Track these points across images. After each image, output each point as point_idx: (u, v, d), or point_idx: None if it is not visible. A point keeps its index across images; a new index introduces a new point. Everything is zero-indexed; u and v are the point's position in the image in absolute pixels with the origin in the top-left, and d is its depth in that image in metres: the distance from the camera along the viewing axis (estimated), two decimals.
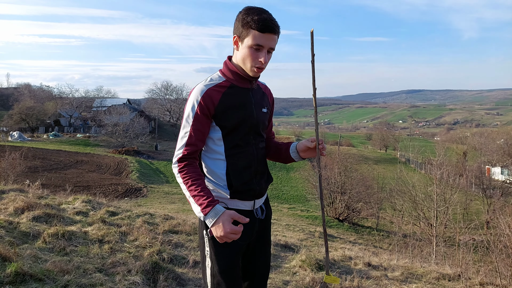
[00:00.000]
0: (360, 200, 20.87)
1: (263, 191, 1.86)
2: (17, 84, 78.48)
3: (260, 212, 1.88)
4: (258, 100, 1.83)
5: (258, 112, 1.81)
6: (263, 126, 1.86)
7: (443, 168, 15.53)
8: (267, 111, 1.90)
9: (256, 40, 1.64)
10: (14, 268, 2.88)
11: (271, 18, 1.65)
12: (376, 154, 53.18)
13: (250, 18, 1.63)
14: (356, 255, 5.48)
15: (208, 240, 1.76)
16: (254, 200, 1.83)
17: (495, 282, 4.35)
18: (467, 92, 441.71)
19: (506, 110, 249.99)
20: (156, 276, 3.36)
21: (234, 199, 1.77)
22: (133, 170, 27.02)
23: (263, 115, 1.85)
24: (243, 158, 1.76)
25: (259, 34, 1.63)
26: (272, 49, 1.69)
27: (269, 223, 1.97)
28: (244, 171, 1.76)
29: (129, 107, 55.98)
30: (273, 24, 1.64)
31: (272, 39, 1.66)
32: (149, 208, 10.88)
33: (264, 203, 1.93)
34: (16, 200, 5.18)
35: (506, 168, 33.51)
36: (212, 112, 1.70)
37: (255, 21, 1.62)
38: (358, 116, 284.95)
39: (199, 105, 1.68)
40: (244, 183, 1.76)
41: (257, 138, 1.82)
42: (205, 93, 1.69)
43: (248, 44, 1.66)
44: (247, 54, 1.67)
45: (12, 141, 36.20)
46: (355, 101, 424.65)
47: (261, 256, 1.91)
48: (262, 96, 1.88)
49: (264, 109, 1.86)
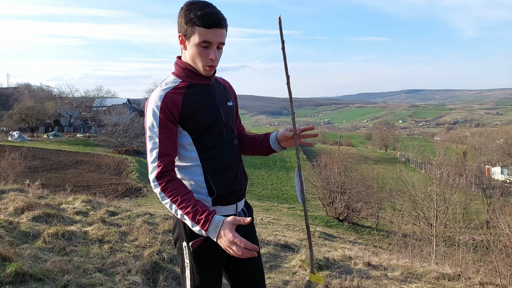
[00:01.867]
0: (360, 200, 20.87)
1: (244, 191, 1.78)
2: (17, 84, 78.58)
3: (243, 216, 1.78)
4: (221, 95, 1.72)
5: (224, 107, 1.70)
6: (232, 121, 1.76)
7: (443, 168, 15.54)
8: (233, 104, 1.79)
9: (202, 37, 1.52)
10: (14, 268, 2.88)
11: (215, 12, 1.52)
12: (376, 154, 53.19)
13: (193, 14, 1.51)
14: (356, 255, 5.48)
15: (189, 253, 1.64)
16: (236, 203, 1.72)
17: (495, 282, 4.36)
18: (467, 92, 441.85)
19: (506, 110, 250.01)
20: (156, 276, 3.37)
21: (216, 206, 1.65)
22: (133, 170, 27.00)
23: (230, 109, 1.75)
24: (221, 160, 1.65)
25: (205, 30, 1.51)
26: (221, 44, 1.57)
27: (252, 225, 1.86)
28: (224, 173, 1.65)
29: (129, 107, 55.94)
30: (218, 18, 1.52)
31: (220, 33, 1.54)
32: (149, 208, 10.86)
33: (245, 205, 1.83)
34: (16, 200, 5.18)
35: (506, 168, 33.51)
36: (176, 117, 1.57)
37: (198, 17, 1.50)
38: (358, 116, 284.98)
39: (161, 110, 1.53)
40: (227, 185, 1.66)
41: (231, 135, 1.72)
42: (164, 97, 1.55)
43: (195, 42, 1.54)
44: (195, 53, 1.56)
45: (12, 141, 36.18)
46: (355, 101, 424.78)
47: (252, 261, 1.79)
48: (224, 90, 1.77)
49: (229, 103, 1.75)
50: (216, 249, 1.62)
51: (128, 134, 39.93)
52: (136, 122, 42.19)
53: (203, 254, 1.64)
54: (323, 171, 22.05)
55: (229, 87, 1.86)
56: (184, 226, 1.65)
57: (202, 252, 1.63)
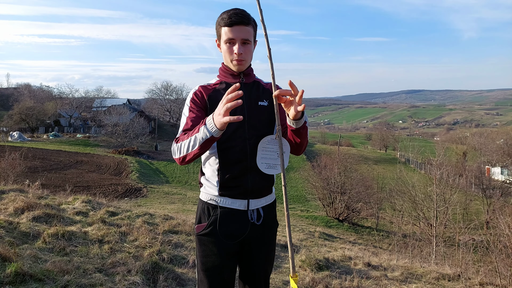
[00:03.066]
0: (360, 200, 20.87)
1: (260, 190, 1.80)
2: (17, 84, 78.40)
3: (256, 217, 1.80)
4: (253, 93, 1.81)
5: (252, 105, 1.78)
6: (260, 119, 1.79)
7: (443, 168, 15.54)
8: (268, 104, 1.83)
9: (226, 35, 1.71)
10: (14, 268, 2.88)
11: (237, 12, 1.69)
12: (376, 154, 53.17)
13: (221, 18, 1.72)
14: (356, 255, 5.48)
15: (196, 237, 1.80)
16: (249, 200, 1.77)
17: (495, 282, 4.36)
18: (467, 92, 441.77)
19: (505, 110, 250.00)
20: (156, 276, 3.37)
21: (224, 197, 1.75)
22: (133, 170, 27.00)
23: (260, 109, 1.80)
24: (233, 153, 1.74)
25: (228, 29, 1.70)
26: (246, 40, 1.71)
27: (269, 233, 1.88)
28: (233, 166, 1.74)
29: (129, 107, 55.92)
30: (239, 17, 1.68)
31: (242, 30, 1.69)
32: (149, 208, 10.87)
33: (265, 209, 1.85)
34: (16, 200, 5.18)
35: (505, 168, 33.50)
36: (203, 104, 1.77)
37: (223, 19, 1.70)
38: (358, 116, 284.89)
39: (191, 99, 1.78)
40: (234, 178, 1.74)
41: (253, 132, 1.77)
42: (197, 90, 1.80)
43: (222, 41, 1.74)
44: (224, 51, 1.75)
45: (12, 141, 36.17)
46: (355, 101, 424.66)
47: (260, 262, 1.85)
48: (259, 90, 1.85)
49: (261, 102, 1.82)
50: (221, 237, 1.73)
51: (128, 134, 39.92)
52: (136, 122, 42.19)
53: (205, 239, 1.77)
54: (323, 171, 22.06)
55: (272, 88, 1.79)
56: (198, 211, 1.83)
57: (204, 236, 1.77)
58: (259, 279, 1.87)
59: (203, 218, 1.78)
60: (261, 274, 1.87)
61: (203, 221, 1.78)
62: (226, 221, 1.74)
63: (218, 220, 1.74)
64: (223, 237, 1.73)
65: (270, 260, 1.91)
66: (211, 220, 1.75)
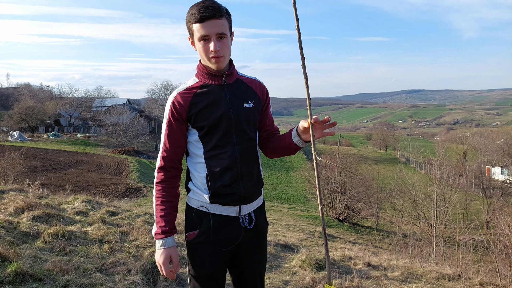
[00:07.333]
0: (360, 200, 20.88)
1: (252, 195, 1.73)
2: (17, 84, 78.53)
3: (248, 221, 1.74)
4: (237, 95, 1.69)
5: (236, 107, 1.67)
6: (247, 122, 1.70)
7: (443, 168, 15.55)
8: (253, 105, 1.73)
9: (199, 32, 1.57)
10: (14, 268, 2.88)
11: (207, 5, 1.55)
12: (376, 154, 53.17)
13: (190, 14, 1.59)
14: (356, 255, 5.48)
15: (186, 243, 1.74)
16: (240, 206, 1.70)
17: (495, 282, 4.35)
18: (467, 92, 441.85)
19: (506, 110, 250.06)
20: (156, 276, 3.36)
21: (215, 204, 1.67)
22: (133, 170, 27.01)
23: (246, 110, 1.70)
24: (223, 160, 1.65)
25: (199, 25, 1.56)
26: (221, 34, 1.58)
27: (261, 235, 1.81)
28: (224, 173, 1.65)
29: (129, 107, 55.94)
30: (210, 10, 1.54)
31: (216, 24, 1.56)
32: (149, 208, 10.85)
33: (256, 212, 1.78)
34: (16, 200, 5.18)
35: (506, 168, 33.50)
36: (184, 116, 1.65)
37: (193, 15, 1.57)
38: (358, 116, 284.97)
39: (170, 111, 1.66)
40: (225, 185, 1.66)
41: (241, 136, 1.68)
42: (174, 99, 1.66)
43: (196, 39, 1.60)
44: (200, 49, 1.62)
45: (12, 141, 36.19)
46: (355, 101, 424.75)
47: (254, 265, 1.80)
48: (244, 90, 1.73)
49: (247, 104, 1.71)
50: (213, 245, 1.67)
51: (128, 134, 39.94)
52: (136, 122, 42.22)
53: (198, 247, 1.70)
54: (323, 171, 22.05)
55: (257, 87, 1.79)
56: (187, 218, 1.74)
57: (197, 245, 1.70)
58: (255, 282, 1.82)
59: (194, 226, 1.71)
60: (256, 277, 1.83)
61: (194, 228, 1.70)
62: (219, 228, 1.69)
63: (211, 228, 1.67)
64: (217, 245, 1.67)
65: (264, 262, 1.87)
66: (203, 228, 1.68)
